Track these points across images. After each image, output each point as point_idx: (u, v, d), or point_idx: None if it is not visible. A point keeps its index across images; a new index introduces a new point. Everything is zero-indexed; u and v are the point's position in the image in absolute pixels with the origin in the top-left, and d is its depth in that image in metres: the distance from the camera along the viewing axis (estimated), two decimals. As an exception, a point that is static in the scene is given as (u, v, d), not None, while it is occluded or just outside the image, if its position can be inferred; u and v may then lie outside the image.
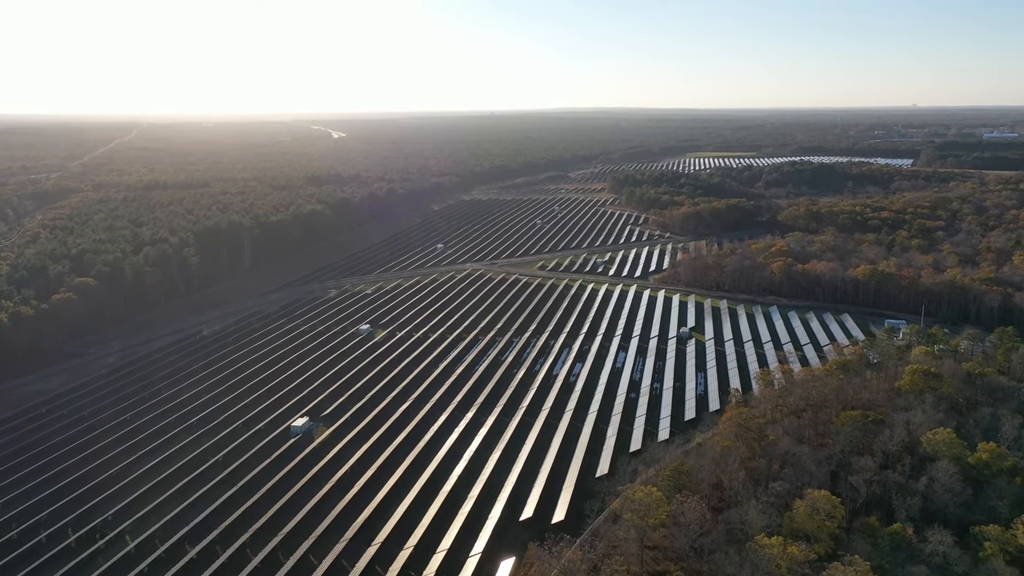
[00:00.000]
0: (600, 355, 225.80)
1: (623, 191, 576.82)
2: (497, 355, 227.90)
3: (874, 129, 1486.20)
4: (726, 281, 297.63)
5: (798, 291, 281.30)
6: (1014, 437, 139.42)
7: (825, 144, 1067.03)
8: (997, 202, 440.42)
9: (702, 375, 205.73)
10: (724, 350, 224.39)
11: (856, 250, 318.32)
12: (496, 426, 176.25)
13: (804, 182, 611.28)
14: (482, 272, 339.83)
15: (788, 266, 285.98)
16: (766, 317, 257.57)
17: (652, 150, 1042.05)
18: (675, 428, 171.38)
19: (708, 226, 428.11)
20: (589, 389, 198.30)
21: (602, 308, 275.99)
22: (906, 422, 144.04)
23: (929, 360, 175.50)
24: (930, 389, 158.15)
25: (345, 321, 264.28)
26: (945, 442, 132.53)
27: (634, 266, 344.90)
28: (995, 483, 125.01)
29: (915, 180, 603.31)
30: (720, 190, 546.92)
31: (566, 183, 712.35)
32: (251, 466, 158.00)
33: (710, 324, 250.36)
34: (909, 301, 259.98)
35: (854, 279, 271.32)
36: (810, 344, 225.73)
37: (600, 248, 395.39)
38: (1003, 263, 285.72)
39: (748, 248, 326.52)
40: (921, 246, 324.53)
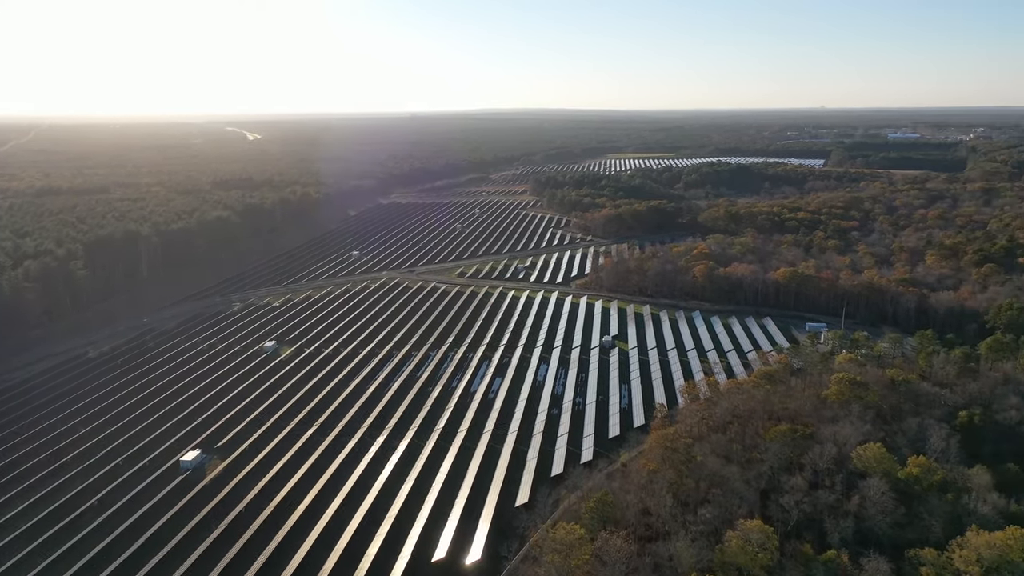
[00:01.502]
0: (521, 368, 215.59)
1: (545, 193, 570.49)
2: (412, 371, 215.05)
3: (786, 130, 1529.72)
4: (649, 286, 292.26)
5: (720, 295, 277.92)
6: (941, 448, 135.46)
7: (741, 145, 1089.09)
8: (906, 201, 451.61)
9: (626, 387, 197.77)
10: (648, 359, 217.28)
11: (776, 252, 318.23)
12: (409, 452, 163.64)
13: (723, 183, 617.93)
14: (399, 281, 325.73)
15: (710, 269, 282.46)
16: (689, 323, 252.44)
17: (574, 151, 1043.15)
18: (599, 447, 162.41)
19: (630, 229, 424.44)
20: (509, 406, 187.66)
21: (523, 317, 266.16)
22: (835, 436, 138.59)
23: (853, 367, 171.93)
24: (856, 399, 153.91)
25: (249, 338, 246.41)
26: (875, 457, 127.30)
27: (556, 271, 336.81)
28: (927, 499, 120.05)
29: (828, 180, 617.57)
30: (641, 192, 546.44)
31: (487, 185, 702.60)
32: (131, 510, 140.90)
33: (633, 332, 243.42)
34: (829, 303, 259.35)
35: (775, 282, 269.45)
36: (734, 351, 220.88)
37: (521, 253, 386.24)
38: (916, 263, 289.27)
39: (670, 251, 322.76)
40: (838, 247, 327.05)
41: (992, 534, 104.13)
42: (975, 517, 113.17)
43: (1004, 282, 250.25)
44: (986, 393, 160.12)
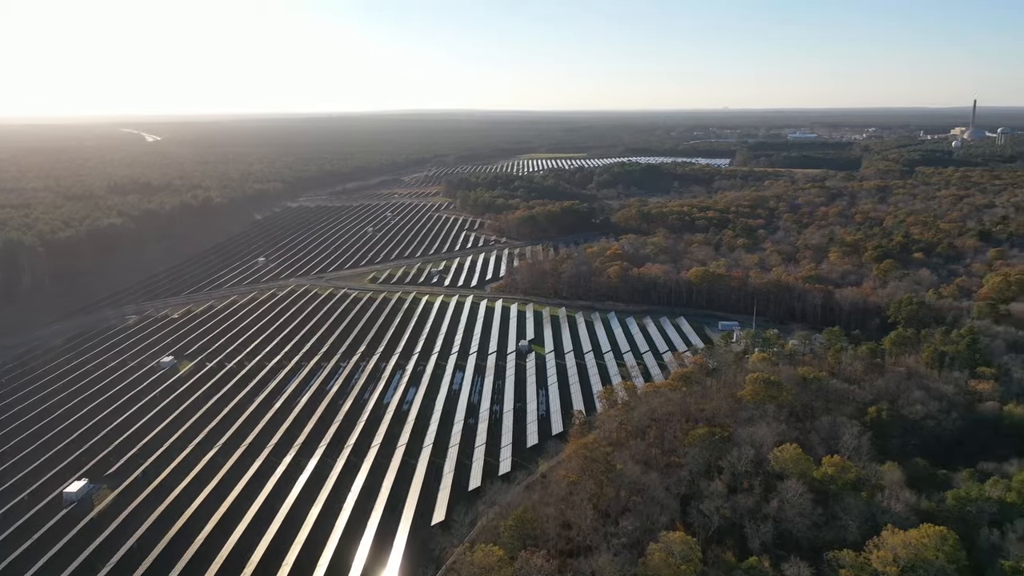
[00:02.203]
0: (436, 377, 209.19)
1: (458, 195, 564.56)
2: (322, 384, 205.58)
3: (693, 131, 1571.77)
4: (564, 288, 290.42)
5: (635, 295, 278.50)
6: (854, 446, 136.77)
7: (651, 145, 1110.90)
8: (808, 200, 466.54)
9: (543, 393, 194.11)
10: (565, 363, 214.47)
11: (687, 251, 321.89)
12: (319, 471, 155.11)
13: (634, 182, 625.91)
14: (307, 288, 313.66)
15: (624, 270, 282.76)
16: (605, 324, 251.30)
17: (487, 152, 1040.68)
18: (517, 457, 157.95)
19: (544, 230, 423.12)
20: (424, 418, 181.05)
21: (437, 323, 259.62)
22: (752, 438, 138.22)
23: (767, 367, 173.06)
24: (771, 398, 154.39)
25: (144, 354, 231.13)
26: (792, 459, 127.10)
27: (470, 275, 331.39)
28: (843, 498, 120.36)
29: (734, 179, 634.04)
30: (554, 192, 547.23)
31: (399, 187, 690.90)
32: (6, 550, 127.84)
33: (550, 335, 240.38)
34: (740, 301, 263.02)
35: (688, 281, 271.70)
36: (650, 352, 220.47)
37: (435, 256, 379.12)
38: (820, 260, 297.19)
39: (584, 252, 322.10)
40: (746, 245, 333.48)
41: (907, 533, 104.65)
42: (890, 515, 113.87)
43: (902, 277, 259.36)
44: (892, 388, 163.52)
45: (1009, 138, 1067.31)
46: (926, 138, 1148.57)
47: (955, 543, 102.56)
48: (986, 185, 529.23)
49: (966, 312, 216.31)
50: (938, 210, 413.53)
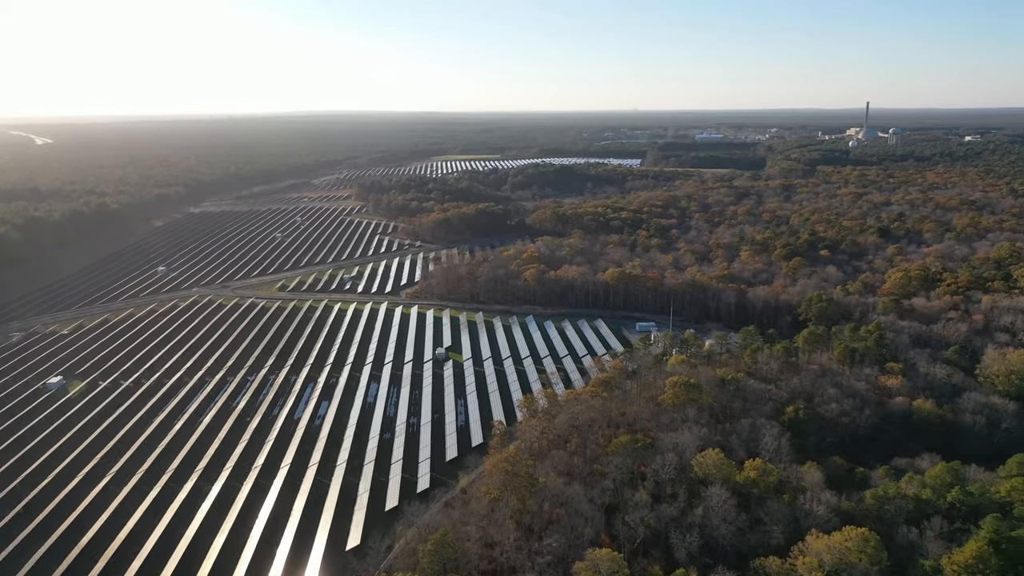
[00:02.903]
0: (349, 389, 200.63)
1: (370, 198, 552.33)
2: (227, 401, 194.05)
3: (604, 131, 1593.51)
4: (481, 292, 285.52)
5: (552, 298, 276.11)
6: (774, 448, 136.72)
7: (564, 146, 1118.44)
8: (718, 199, 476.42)
9: (462, 403, 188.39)
10: (484, 371, 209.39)
11: (603, 252, 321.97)
12: (224, 496, 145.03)
13: (548, 183, 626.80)
14: (211, 298, 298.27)
15: (541, 273, 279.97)
16: (523, 329, 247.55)
17: (399, 154, 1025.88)
18: (436, 472, 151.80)
19: (459, 233, 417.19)
20: (337, 433, 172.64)
21: (350, 331, 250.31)
22: (675, 444, 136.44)
23: (686, 369, 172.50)
24: (691, 401, 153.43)
25: (29, 374, 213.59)
26: (715, 464, 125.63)
27: (384, 280, 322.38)
28: (766, 503, 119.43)
29: (646, 179, 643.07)
30: (469, 194, 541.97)
31: (309, 191, 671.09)
32: None
33: (467, 341, 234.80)
34: (656, 301, 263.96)
35: (604, 283, 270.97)
36: (569, 356, 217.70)
37: (347, 262, 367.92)
38: (732, 259, 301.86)
39: (501, 255, 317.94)
40: (661, 245, 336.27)
41: (831, 536, 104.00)
42: (812, 518, 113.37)
43: (811, 274, 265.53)
44: (807, 386, 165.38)
45: (900, 138, 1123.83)
46: (824, 138, 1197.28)
47: (877, 544, 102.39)
48: (882, 183, 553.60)
49: (872, 308, 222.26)
50: (840, 208, 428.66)
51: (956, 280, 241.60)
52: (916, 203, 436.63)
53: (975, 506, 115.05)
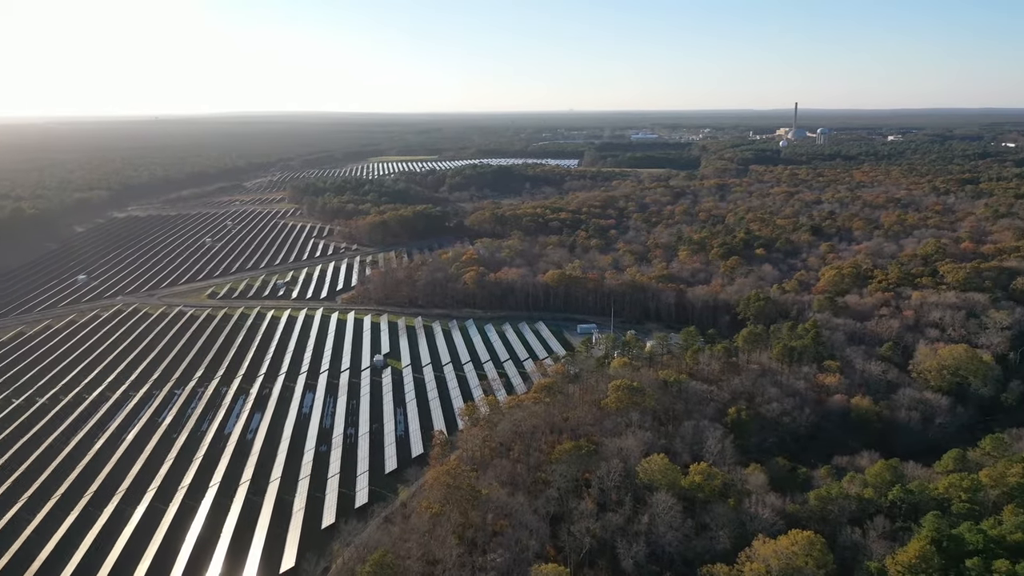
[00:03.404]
0: (283, 400, 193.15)
1: (304, 201, 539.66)
2: (152, 416, 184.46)
3: (541, 132, 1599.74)
4: (420, 296, 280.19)
5: (492, 301, 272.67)
6: (718, 451, 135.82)
7: (501, 146, 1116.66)
8: (655, 199, 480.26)
9: (401, 412, 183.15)
10: (423, 377, 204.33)
11: (543, 253, 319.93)
12: (147, 520, 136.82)
13: (486, 184, 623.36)
14: (137, 307, 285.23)
15: (481, 275, 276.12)
16: (463, 333, 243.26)
17: (335, 156, 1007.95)
18: (375, 485, 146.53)
19: (396, 235, 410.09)
20: (270, 448, 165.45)
21: (284, 339, 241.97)
22: (619, 450, 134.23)
23: (628, 372, 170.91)
24: (634, 405, 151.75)
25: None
26: (660, 470, 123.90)
27: (320, 285, 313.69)
28: (712, 508, 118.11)
29: (584, 180, 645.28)
30: (406, 196, 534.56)
31: (241, 194, 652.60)
32: None
33: (406, 347, 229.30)
34: (597, 302, 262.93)
35: (544, 284, 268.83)
36: (511, 360, 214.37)
37: (281, 267, 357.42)
38: (671, 259, 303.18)
39: (439, 258, 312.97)
40: (600, 246, 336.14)
41: (777, 541, 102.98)
42: (758, 522, 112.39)
43: (748, 273, 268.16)
44: (749, 387, 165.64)
45: (828, 138, 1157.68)
46: (756, 138, 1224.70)
47: (822, 547, 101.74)
48: (812, 182, 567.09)
49: (808, 306, 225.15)
50: (773, 207, 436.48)
51: (887, 277, 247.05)
52: (845, 201, 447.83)
53: (915, 504, 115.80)
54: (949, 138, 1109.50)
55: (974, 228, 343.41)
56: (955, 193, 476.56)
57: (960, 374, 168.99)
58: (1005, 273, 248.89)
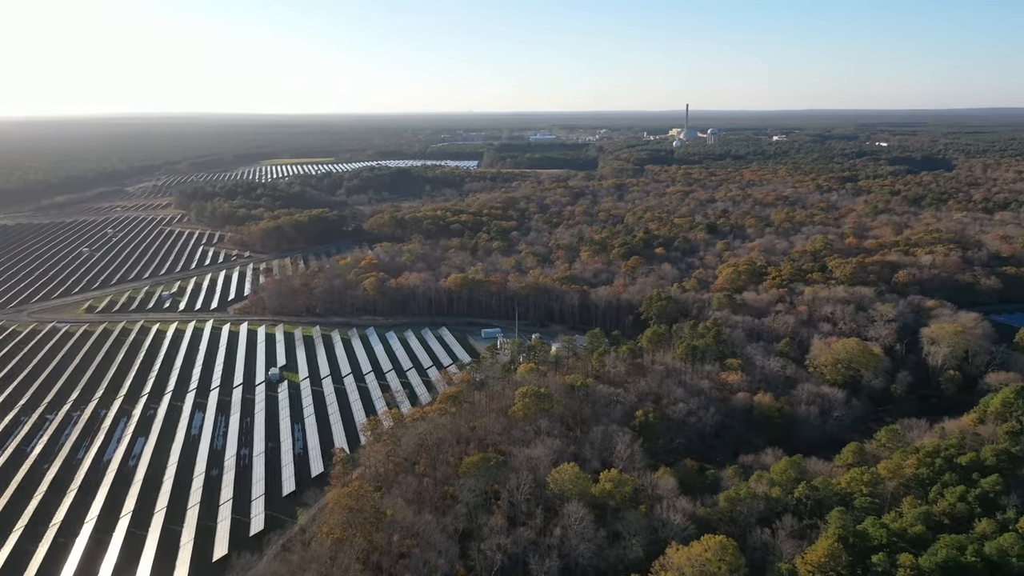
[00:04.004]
0: (170, 421, 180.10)
1: (192, 206, 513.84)
2: (20, 446, 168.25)
3: (440, 133, 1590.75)
4: (317, 304, 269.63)
5: (394, 307, 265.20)
6: (628, 456, 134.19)
7: (400, 148, 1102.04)
8: (555, 199, 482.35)
9: (300, 428, 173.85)
10: (323, 391, 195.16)
11: (445, 257, 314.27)
12: (12, 564, 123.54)
13: (385, 187, 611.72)
14: (3, 324, 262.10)
15: (381, 281, 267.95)
16: (364, 342, 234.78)
17: (224, 159, 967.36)
18: (272, 510, 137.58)
19: (292, 241, 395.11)
20: (155, 475, 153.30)
21: (171, 355, 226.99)
22: (528, 460, 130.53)
23: (535, 377, 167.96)
24: (542, 412, 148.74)
25: None
26: (571, 479, 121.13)
27: (209, 296, 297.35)
28: (623, 516, 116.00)
29: (484, 181, 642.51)
30: (302, 200, 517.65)
31: (123, 199, 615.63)
32: None
33: (304, 359, 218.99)
34: (501, 306, 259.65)
35: (447, 289, 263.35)
36: (414, 369, 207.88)
37: (167, 277, 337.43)
38: (573, 260, 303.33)
39: (337, 264, 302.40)
40: (502, 248, 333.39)
41: (690, 548, 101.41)
42: (670, 528, 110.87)
43: (649, 273, 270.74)
44: (655, 388, 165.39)
45: (718, 138, 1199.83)
46: (650, 139, 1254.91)
47: (735, 551, 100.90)
48: (705, 181, 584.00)
49: (708, 304, 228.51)
50: (670, 206, 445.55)
51: (780, 273, 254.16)
52: (737, 200, 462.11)
53: (820, 500, 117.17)
54: (828, 138, 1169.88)
55: (857, 224, 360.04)
56: (837, 191, 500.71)
57: (853, 367, 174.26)
58: (888, 267, 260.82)
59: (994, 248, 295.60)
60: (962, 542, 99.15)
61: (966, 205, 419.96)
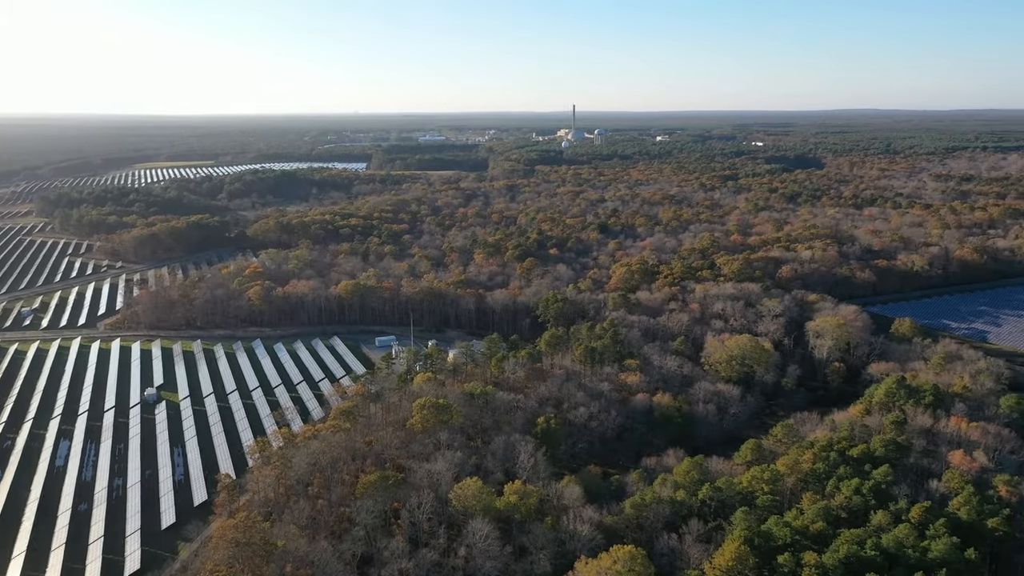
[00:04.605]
0: (31, 452, 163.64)
1: (56, 214, 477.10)
2: None
3: (327, 134, 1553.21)
4: (198, 316, 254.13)
5: (282, 317, 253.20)
6: (531, 465, 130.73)
7: (284, 150, 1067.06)
8: (447, 201, 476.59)
9: (180, 453, 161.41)
10: (205, 410, 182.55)
11: (334, 263, 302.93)
12: None
13: (269, 191, 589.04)
14: None
15: (267, 290, 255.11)
16: (250, 355, 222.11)
17: (93, 162, 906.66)
18: (150, 545, 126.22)
19: (169, 250, 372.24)
20: (13, 513, 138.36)
21: (32, 378, 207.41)
22: (429, 475, 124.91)
23: (433, 387, 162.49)
24: (442, 423, 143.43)
25: None
26: (474, 494, 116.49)
27: (77, 311, 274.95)
28: (529, 529, 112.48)
29: (373, 184, 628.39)
30: (179, 206, 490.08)
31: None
32: None
33: (184, 376, 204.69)
34: (395, 312, 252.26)
35: (338, 296, 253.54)
36: (305, 382, 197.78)
37: (27, 291, 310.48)
38: (467, 263, 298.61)
39: (220, 273, 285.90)
40: (394, 252, 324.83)
41: (599, 560, 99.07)
42: (578, 540, 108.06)
43: (544, 274, 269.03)
44: (555, 392, 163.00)
45: (605, 138, 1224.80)
46: (539, 139, 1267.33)
47: (643, 560, 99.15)
48: (594, 181, 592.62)
49: (603, 304, 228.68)
50: (561, 206, 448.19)
51: (672, 271, 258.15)
52: (626, 199, 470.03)
53: (724, 501, 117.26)
54: (708, 138, 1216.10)
55: (740, 221, 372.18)
56: (719, 189, 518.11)
57: (747, 363, 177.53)
58: (772, 263, 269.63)
59: (866, 242, 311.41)
60: (861, 536, 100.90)
61: (838, 201, 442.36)
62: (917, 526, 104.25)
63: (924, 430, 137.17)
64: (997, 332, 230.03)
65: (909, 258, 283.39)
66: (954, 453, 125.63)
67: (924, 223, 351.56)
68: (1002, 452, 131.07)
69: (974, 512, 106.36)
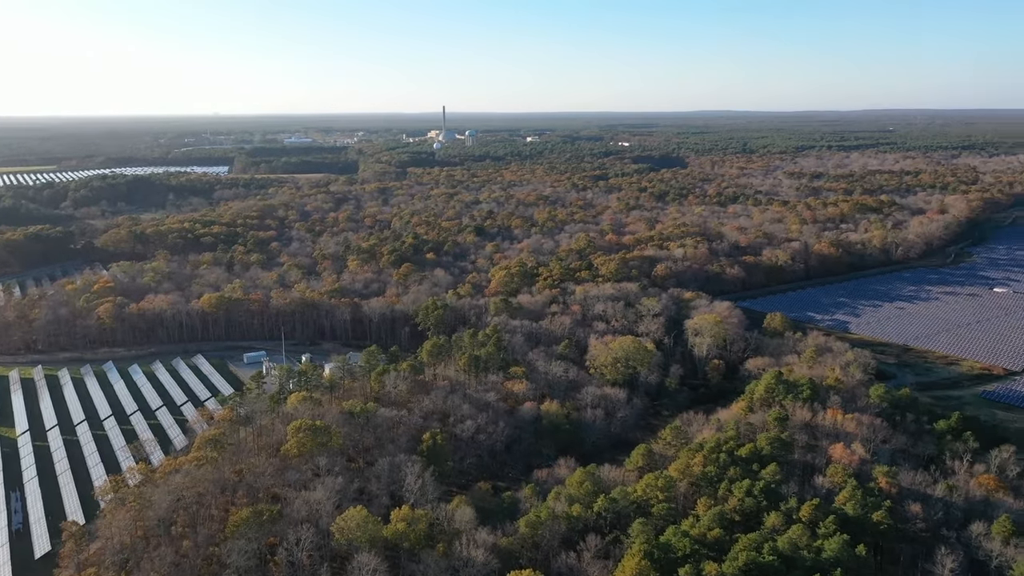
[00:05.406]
0: None
1: None
2: None
3: (184, 137, 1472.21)
4: (39, 339, 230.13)
5: (137, 336, 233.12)
6: (419, 487, 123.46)
7: (137, 154, 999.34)
8: (317, 206, 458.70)
9: (18, 497, 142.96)
10: (48, 446, 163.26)
11: (196, 275, 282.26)
12: None
13: (120, 198, 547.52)
14: None
15: (119, 307, 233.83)
16: (101, 380, 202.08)
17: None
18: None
19: (4, 264, 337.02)
20: None
21: None
22: (308, 506, 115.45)
23: (309, 407, 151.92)
24: (320, 448, 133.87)
25: None
26: (358, 525, 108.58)
27: None
28: (421, 558, 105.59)
29: (236, 188, 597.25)
30: (15, 215, 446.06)
31: None
32: None
33: (22, 408, 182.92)
34: (265, 326, 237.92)
35: (201, 311, 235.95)
36: (165, 408, 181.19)
37: None
38: (341, 270, 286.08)
39: (64, 290, 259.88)
40: (261, 261, 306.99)
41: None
42: (472, 567, 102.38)
43: (422, 280, 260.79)
44: (440, 405, 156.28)
45: (476, 139, 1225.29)
46: (410, 140, 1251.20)
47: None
48: (468, 182, 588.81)
49: (485, 309, 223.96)
50: (436, 209, 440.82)
51: (551, 273, 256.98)
52: (501, 200, 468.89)
53: (620, 512, 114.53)
54: (577, 139, 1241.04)
55: (613, 221, 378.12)
56: (591, 189, 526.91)
57: (631, 364, 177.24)
58: (647, 261, 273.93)
59: (733, 239, 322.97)
60: (757, 541, 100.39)
61: (703, 199, 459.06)
62: (809, 524, 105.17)
63: (804, 424, 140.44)
64: (857, 322, 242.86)
65: (773, 253, 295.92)
66: (835, 447, 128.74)
67: (783, 219, 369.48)
68: (876, 442, 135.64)
69: (859, 507, 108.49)
